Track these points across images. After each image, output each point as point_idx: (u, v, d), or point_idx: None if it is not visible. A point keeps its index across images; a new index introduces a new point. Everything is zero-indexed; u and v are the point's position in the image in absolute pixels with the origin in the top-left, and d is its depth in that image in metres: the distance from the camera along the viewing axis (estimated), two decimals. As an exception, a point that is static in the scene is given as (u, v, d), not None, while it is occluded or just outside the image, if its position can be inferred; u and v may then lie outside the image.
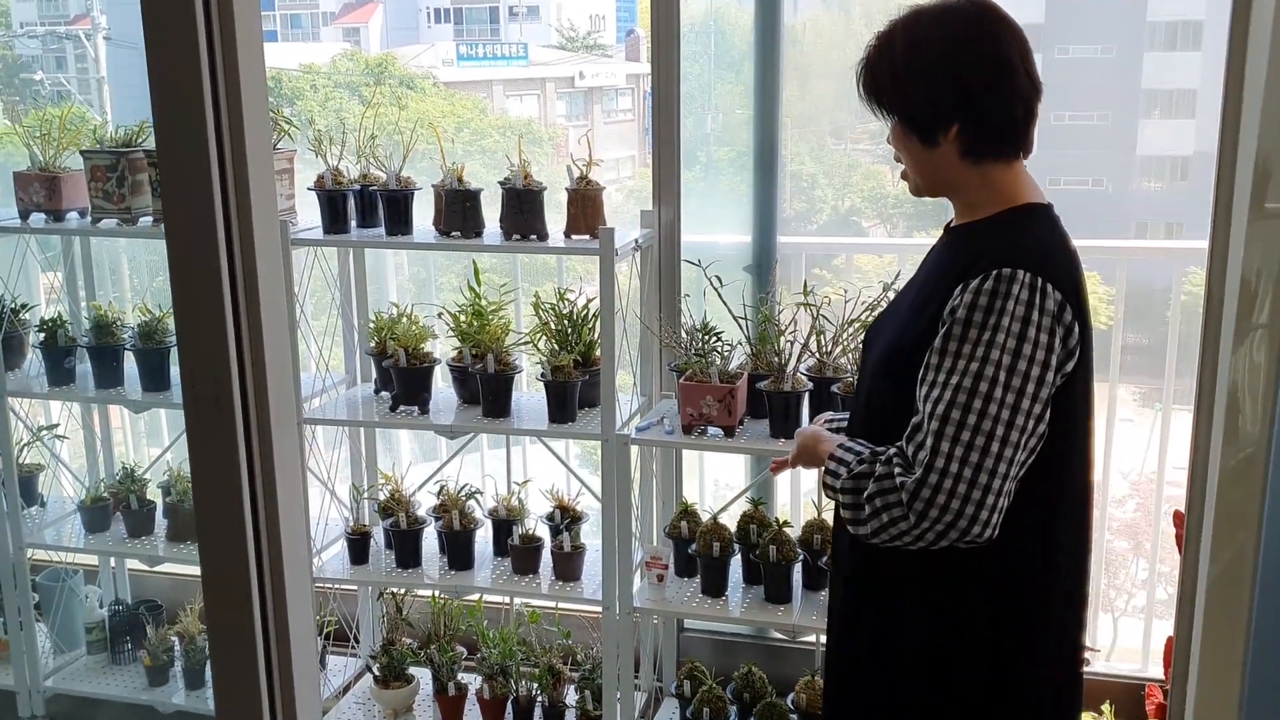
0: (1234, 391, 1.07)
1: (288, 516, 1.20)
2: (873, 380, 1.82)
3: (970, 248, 1.70)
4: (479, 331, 3.01)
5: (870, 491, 1.63)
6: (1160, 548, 3.30)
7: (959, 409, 1.56)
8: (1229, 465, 1.09)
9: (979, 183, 1.74)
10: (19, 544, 3.29)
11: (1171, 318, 3.12)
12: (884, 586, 1.80)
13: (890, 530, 1.62)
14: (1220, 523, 1.09)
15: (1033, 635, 1.74)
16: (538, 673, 3.12)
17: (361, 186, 3.03)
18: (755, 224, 3.23)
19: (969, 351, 1.58)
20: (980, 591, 1.71)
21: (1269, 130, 1.02)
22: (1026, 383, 1.57)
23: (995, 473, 1.56)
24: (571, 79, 6.76)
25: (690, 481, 3.36)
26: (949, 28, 1.70)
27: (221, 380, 1.14)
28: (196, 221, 1.10)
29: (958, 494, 1.55)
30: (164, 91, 1.08)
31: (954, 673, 1.76)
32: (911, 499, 1.57)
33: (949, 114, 1.69)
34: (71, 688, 3.44)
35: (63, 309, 3.47)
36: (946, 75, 1.69)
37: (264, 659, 1.21)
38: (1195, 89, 5.04)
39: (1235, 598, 1.08)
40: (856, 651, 1.87)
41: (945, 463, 1.55)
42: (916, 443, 1.60)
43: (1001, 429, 1.56)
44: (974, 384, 1.56)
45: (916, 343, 1.69)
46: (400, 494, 3.23)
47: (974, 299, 1.59)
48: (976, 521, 1.56)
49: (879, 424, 1.76)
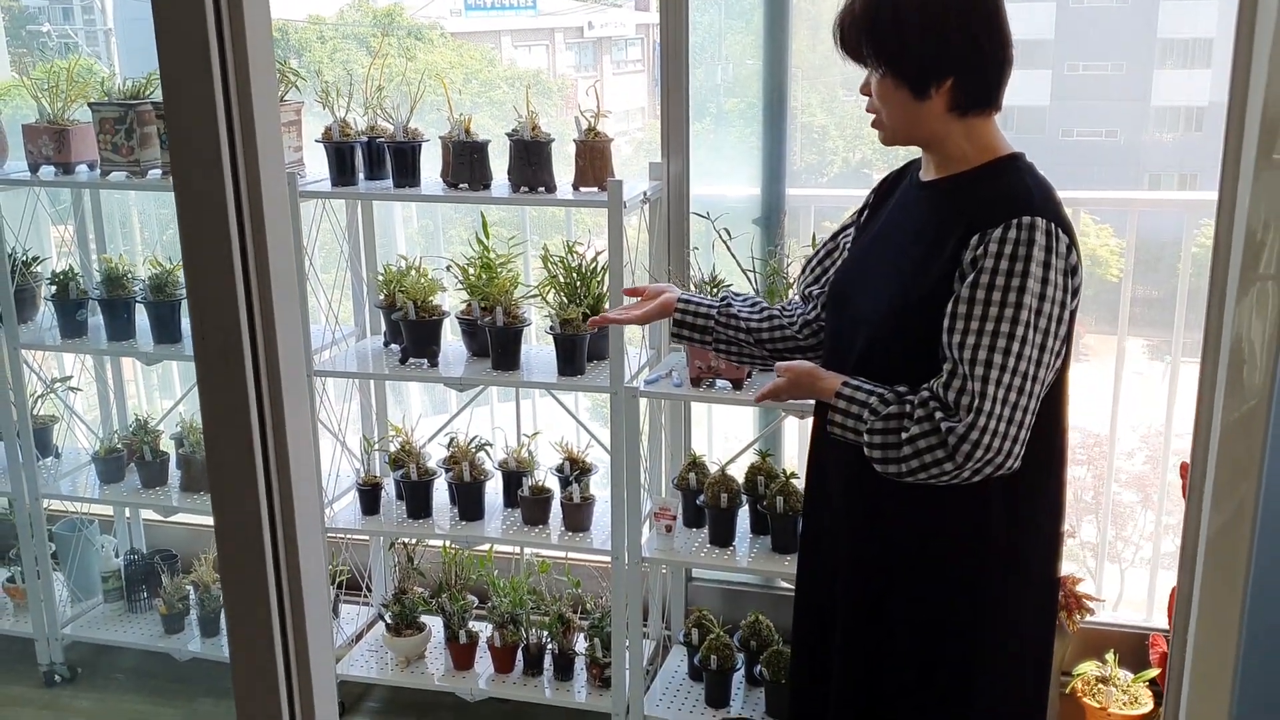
0: (1237, 343, 1.07)
1: (299, 467, 1.21)
2: (874, 332, 1.85)
3: (968, 198, 1.76)
4: (488, 284, 3.01)
5: (912, 433, 1.70)
6: (1167, 499, 3.31)
7: (1000, 353, 1.65)
8: (1232, 417, 1.09)
9: (962, 135, 1.79)
10: (35, 495, 3.33)
11: (1182, 270, 3.11)
12: (888, 516, 1.88)
13: (930, 470, 1.70)
14: (1222, 474, 1.10)
15: (1022, 554, 1.87)
16: (548, 621, 3.16)
17: (369, 138, 3.03)
18: (764, 176, 3.22)
19: (999, 299, 1.66)
20: (991, 511, 1.81)
21: (1278, 79, 1.02)
22: (1051, 323, 1.67)
23: (1027, 409, 1.68)
24: (580, 29, 6.69)
25: (698, 433, 3.38)
26: None
27: (231, 332, 1.15)
28: (204, 173, 1.10)
29: (999, 433, 1.65)
30: (170, 42, 1.08)
31: (958, 587, 1.86)
32: (960, 441, 1.65)
33: (945, 67, 1.73)
34: (89, 635, 3.50)
35: (74, 262, 3.48)
36: (948, 29, 1.72)
37: (277, 607, 1.23)
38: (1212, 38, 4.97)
39: (1235, 547, 1.10)
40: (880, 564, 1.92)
41: (992, 405, 1.65)
42: (957, 388, 1.67)
43: (1033, 368, 1.67)
44: (1011, 329, 1.65)
45: (929, 295, 1.74)
46: (411, 446, 3.25)
47: (999, 248, 1.66)
48: (1010, 455, 1.68)
49: (882, 375, 1.81)
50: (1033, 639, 1.97)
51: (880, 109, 1.81)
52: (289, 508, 1.21)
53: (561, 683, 3.16)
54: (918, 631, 1.89)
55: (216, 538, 1.21)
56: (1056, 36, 4.61)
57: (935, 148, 1.83)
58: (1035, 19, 4.50)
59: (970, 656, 1.88)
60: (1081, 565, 3.47)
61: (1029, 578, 1.90)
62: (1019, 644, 1.93)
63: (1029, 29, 4.44)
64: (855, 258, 1.98)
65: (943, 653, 1.88)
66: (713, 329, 2.11)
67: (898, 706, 1.93)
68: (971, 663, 1.88)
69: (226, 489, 1.20)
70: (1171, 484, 3.22)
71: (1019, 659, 1.94)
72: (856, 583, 1.95)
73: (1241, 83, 1.10)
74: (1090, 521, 3.53)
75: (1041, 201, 1.71)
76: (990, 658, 1.89)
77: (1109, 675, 2.97)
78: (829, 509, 2.01)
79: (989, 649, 1.88)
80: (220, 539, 1.22)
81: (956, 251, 1.71)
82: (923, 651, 1.90)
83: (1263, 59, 1.02)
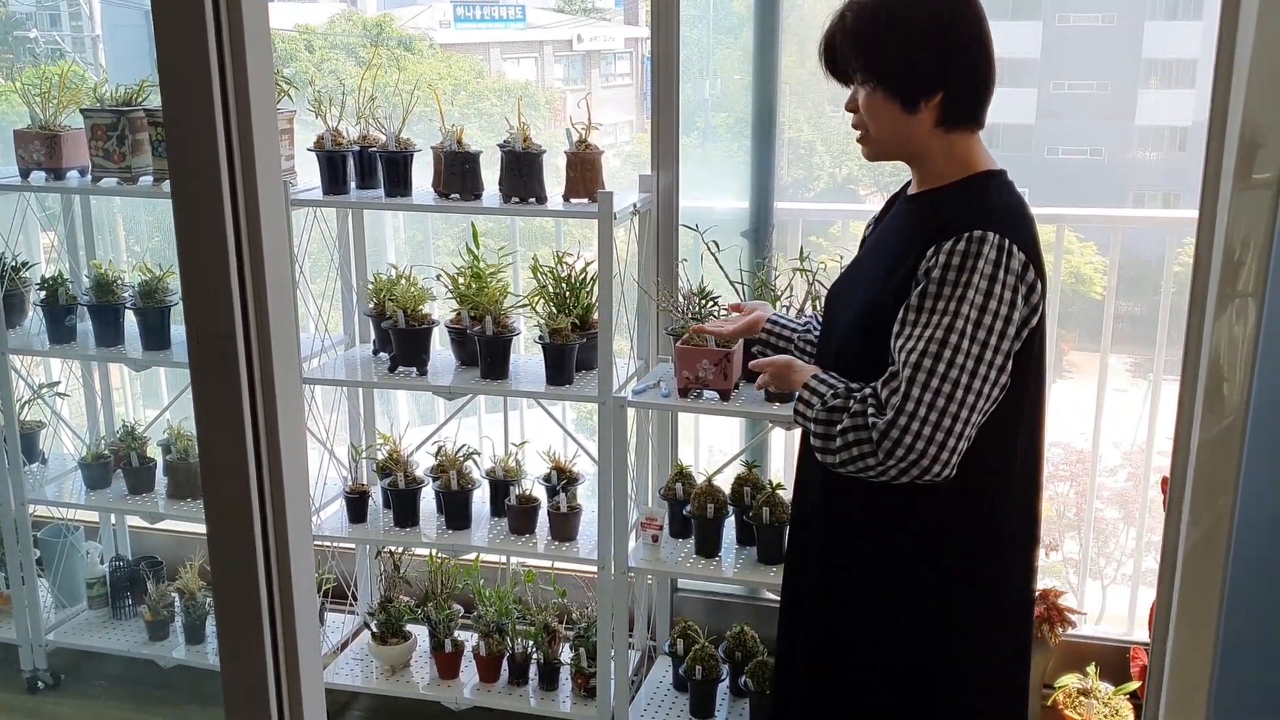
0: (1216, 360, 1.10)
1: (291, 473, 1.23)
2: (845, 334, 1.91)
3: (939, 212, 1.79)
4: (477, 294, 3.03)
5: (844, 425, 1.75)
6: (1149, 516, 3.34)
7: (930, 358, 1.68)
8: (1210, 433, 1.12)
9: (945, 150, 1.82)
10: (20, 500, 3.33)
11: (1165, 288, 3.14)
12: (859, 519, 1.91)
13: (857, 464, 1.74)
14: (1200, 489, 1.12)
15: (984, 568, 1.87)
16: (533, 631, 3.16)
17: (361, 148, 3.04)
18: (753, 190, 3.25)
19: (941, 307, 1.69)
20: (943, 522, 1.83)
21: (1256, 100, 1.04)
22: (991, 335, 1.69)
23: (957, 417, 1.68)
24: (569, 42, 6.71)
25: (685, 444, 3.40)
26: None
27: (226, 338, 1.16)
28: (202, 180, 1.11)
29: (923, 435, 1.67)
30: (170, 50, 1.09)
31: (913, 597, 1.88)
32: (881, 438, 1.69)
33: (937, 82, 1.75)
34: (73, 642, 3.49)
35: (63, 267, 3.48)
36: (939, 43, 1.75)
37: (268, 613, 1.24)
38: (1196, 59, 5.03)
39: (1212, 561, 1.12)
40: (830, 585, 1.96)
41: (914, 407, 1.67)
42: (891, 388, 1.71)
43: (966, 378, 1.68)
44: (945, 335, 1.68)
45: (889, 302, 1.78)
46: (398, 454, 3.26)
47: (947, 259, 1.70)
48: (936, 461, 1.69)
49: (850, 376, 1.86)
50: (1004, 658, 1.97)
51: (868, 124, 1.84)
52: (281, 513, 1.22)
53: (546, 693, 3.17)
54: (877, 642, 1.91)
55: (208, 542, 1.22)
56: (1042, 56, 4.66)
57: (918, 163, 1.86)
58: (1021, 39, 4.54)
59: (931, 671, 1.89)
60: (1064, 580, 3.49)
61: (993, 595, 1.90)
62: (986, 662, 1.93)
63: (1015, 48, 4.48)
64: (846, 270, 2.05)
65: (901, 665, 1.90)
66: (792, 352, 2.17)
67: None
68: (936, 678, 1.89)
69: (219, 494, 1.21)
70: (1153, 500, 3.25)
71: (985, 676, 1.94)
72: (820, 594, 1.99)
73: (1221, 104, 1.12)
74: (1073, 537, 3.55)
75: (1004, 218, 1.73)
76: (952, 673, 1.89)
77: (1090, 688, 2.99)
78: (803, 517, 2.05)
79: (949, 663, 1.89)
80: (212, 544, 1.22)
81: (915, 263, 1.75)
82: (881, 663, 1.91)
83: (1241, 81, 1.05)
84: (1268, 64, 1.03)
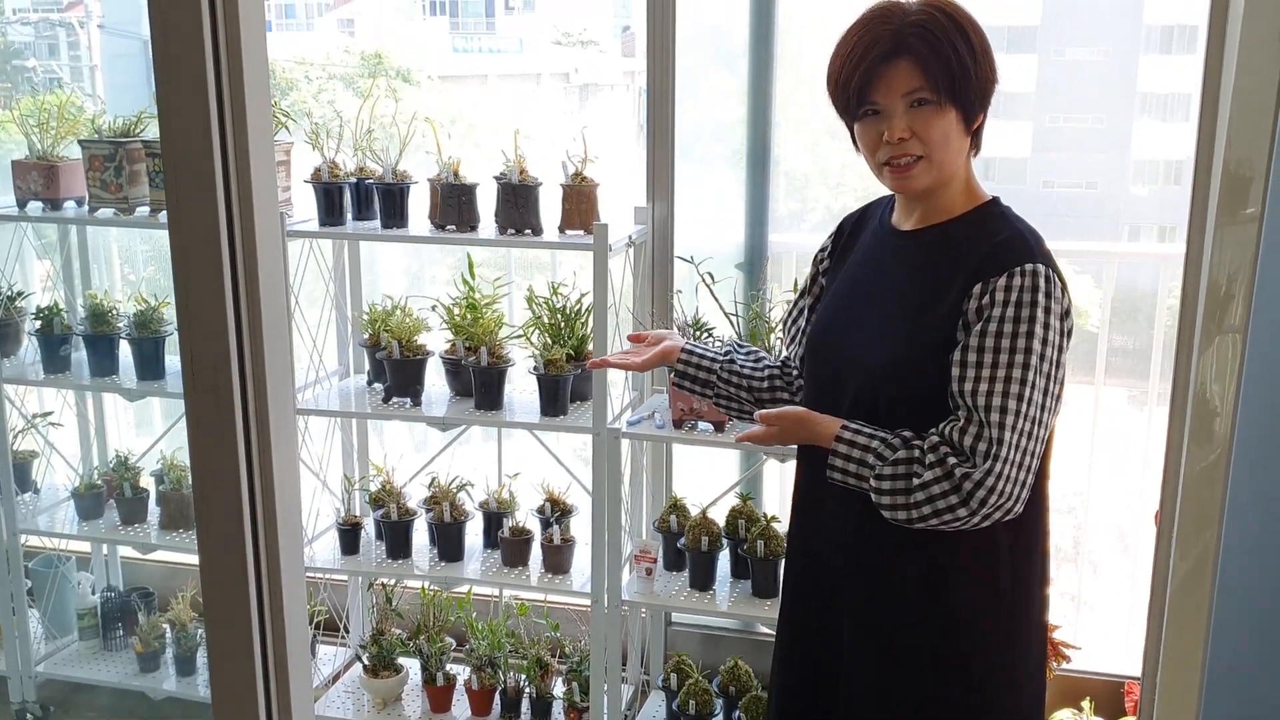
0: (1202, 394, 1.10)
1: (284, 503, 1.23)
2: (866, 381, 1.81)
3: (965, 247, 1.75)
4: (472, 324, 3.04)
5: (926, 479, 1.69)
6: (1144, 549, 3.34)
7: (1015, 399, 1.66)
8: (1197, 467, 1.12)
9: (966, 177, 1.82)
10: (12, 530, 3.31)
11: (1159, 321, 3.15)
12: (921, 568, 1.83)
13: (943, 516, 1.69)
14: (1187, 523, 1.12)
15: (1028, 601, 1.85)
16: (526, 664, 3.15)
17: (358, 179, 3.06)
18: (748, 222, 3.26)
19: (1009, 345, 1.67)
20: (1010, 560, 1.81)
21: (1240, 135, 1.05)
22: (1054, 368, 1.70)
23: (1037, 454, 1.70)
24: (566, 74, 6.75)
25: (680, 476, 3.39)
26: (973, 17, 1.73)
27: (221, 369, 1.17)
28: (199, 211, 1.12)
29: (1013, 479, 1.67)
30: (169, 81, 1.10)
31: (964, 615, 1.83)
32: (976, 487, 1.66)
33: (988, 100, 1.75)
34: (63, 673, 3.47)
35: (59, 297, 3.49)
36: (992, 58, 1.73)
37: (259, 643, 1.23)
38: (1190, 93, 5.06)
39: (1199, 595, 1.12)
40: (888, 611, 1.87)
41: (1009, 452, 1.66)
42: (973, 434, 1.67)
43: (1042, 414, 1.69)
44: (1023, 374, 1.67)
45: (929, 346, 1.74)
46: (391, 485, 3.26)
47: (1006, 296, 1.68)
48: (1019, 500, 1.69)
49: (881, 424, 1.78)
50: (1029, 688, 1.93)
51: (933, 148, 1.72)
52: (273, 544, 1.22)
53: (539, 726, 3.15)
54: (927, 676, 1.85)
55: (201, 573, 1.22)
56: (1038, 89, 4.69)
57: (943, 191, 1.79)
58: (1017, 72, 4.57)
59: (979, 705, 1.86)
60: (1059, 614, 3.48)
61: (1029, 625, 1.87)
62: (1017, 694, 1.89)
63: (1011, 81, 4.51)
64: (832, 309, 1.93)
65: (951, 699, 1.85)
66: (714, 384, 2.08)
67: None
68: (980, 711, 1.85)
69: (212, 525, 1.21)
70: (1148, 533, 3.24)
71: (1016, 709, 1.91)
72: (861, 633, 1.89)
73: (1208, 139, 1.13)
74: (1069, 570, 3.55)
75: (1040, 248, 1.74)
76: (994, 706, 1.86)
77: (1086, 723, 2.98)
78: (821, 558, 1.94)
79: (996, 695, 1.85)
80: (205, 574, 1.22)
81: (958, 302, 1.71)
82: (932, 698, 1.86)
83: (1225, 118, 1.06)
84: (1251, 101, 1.05)
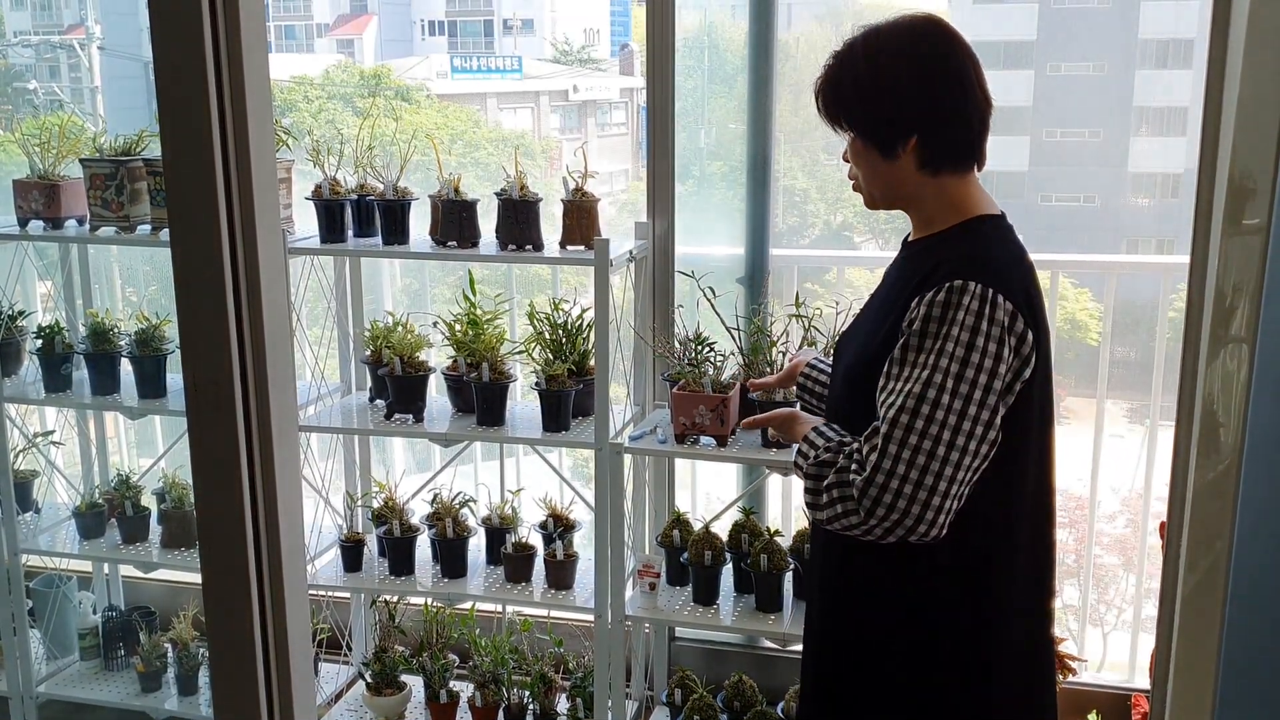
0: (1209, 404, 1.10)
1: (287, 522, 1.22)
2: (840, 388, 1.90)
3: (927, 261, 1.76)
4: (474, 340, 3.03)
5: (829, 481, 1.71)
6: (1149, 562, 3.33)
7: (908, 414, 1.63)
8: (1205, 478, 1.12)
9: (935, 195, 1.81)
10: (14, 550, 3.30)
11: (1160, 333, 3.15)
12: (857, 582, 1.86)
13: (842, 520, 1.70)
14: (1196, 534, 1.11)
15: (993, 627, 1.80)
16: (529, 681, 3.13)
17: (359, 196, 3.06)
18: (748, 237, 3.27)
19: (920, 360, 1.65)
20: (941, 585, 1.78)
21: (1245, 146, 1.05)
22: (974, 389, 1.63)
23: (941, 475, 1.63)
24: (565, 92, 6.78)
25: (682, 491, 3.39)
26: (906, 43, 1.77)
27: (224, 385, 1.16)
28: (201, 229, 1.12)
29: (903, 494, 1.62)
30: (171, 100, 1.10)
31: (922, 659, 1.81)
32: (861, 495, 1.65)
33: (909, 126, 1.75)
34: (64, 693, 3.45)
35: (60, 316, 3.49)
36: (906, 88, 1.75)
37: (263, 663, 1.23)
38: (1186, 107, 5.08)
39: (1210, 607, 1.11)
40: (838, 639, 1.91)
41: (891, 464, 1.63)
42: (871, 444, 1.67)
43: (948, 434, 1.63)
44: (923, 390, 1.63)
45: (877, 354, 1.76)
46: (394, 502, 3.25)
47: (927, 310, 1.66)
48: (922, 521, 1.63)
49: (846, 429, 1.83)
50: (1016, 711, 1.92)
51: (858, 173, 1.85)
52: (276, 563, 1.22)
53: (543, 743, 3.13)
54: (873, 707, 1.87)
55: (203, 591, 1.21)
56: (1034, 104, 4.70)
57: (912, 208, 1.85)
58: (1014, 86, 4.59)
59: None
60: (1064, 627, 3.47)
61: (1003, 651, 1.82)
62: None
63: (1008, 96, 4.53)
64: (853, 321, 2.02)
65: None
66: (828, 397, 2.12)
67: None
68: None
69: (215, 543, 1.21)
70: (1152, 546, 3.24)
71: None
72: (821, 654, 1.95)
73: (1211, 150, 1.13)
74: (1072, 584, 3.54)
75: (989, 266, 1.69)
76: None
77: (1092, 737, 2.97)
78: (808, 566, 2.03)
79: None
80: (207, 593, 1.22)
81: (901, 314, 1.73)
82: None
83: (1229, 129, 1.06)
84: (1255, 113, 1.05)
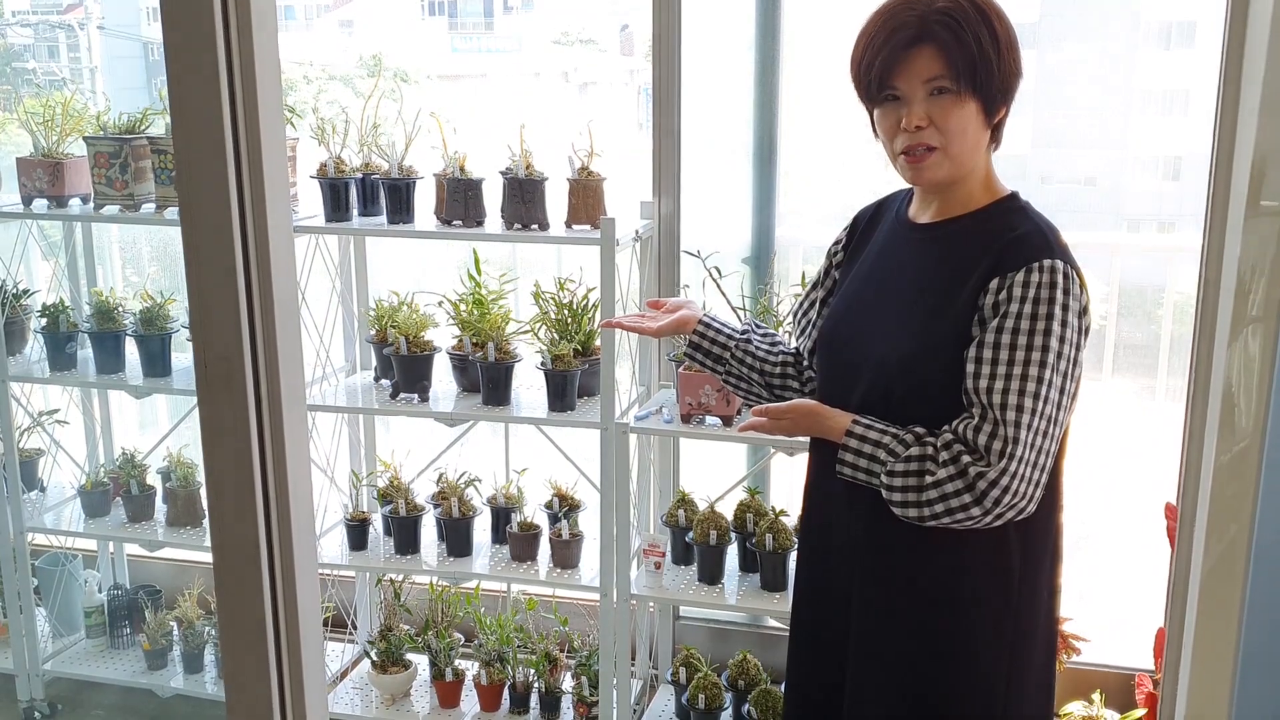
0: (1228, 385, 1.09)
1: (297, 495, 1.22)
2: (877, 377, 1.79)
3: (983, 242, 1.72)
4: (479, 320, 3.03)
5: (939, 477, 1.66)
6: (1152, 540, 3.33)
7: (1030, 398, 1.64)
8: (1224, 459, 1.11)
9: (985, 169, 1.79)
10: (19, 528, 3.31)
11: (1166, 314, 3.15)
12: (946, 579, 1.81)
13: (956, 514, 1.67)
14: (1214, 515, 1.11)
15: (1038, 584, 1.83)
16: (535, 659, 3.14)
17: (364, 175, 3.05)
18: (754, 216, 3.26)
19: (1025, 343, 1.64)
20: (1025, 561, 1.79)
21: (1267, 128, 1.04)
22: (1071, 366, 1.68)
23: (1051, 453, 1.68)
24: (565, 73, 6.75)
25: (687, 470, 3.39)
26: (1002, 7, 1.71)
27: (234, 361, 1.16)
28: (211, 204, 1.12)
29: (1027, 478, 1.64)
30: (181, 77, 1.09)
31: (1018, 643, 1.82)
32: (991, 486, 1.63)
33: (1011, 93, 1.72)
34: (70, 671, 3.46)
35: (64, 294, 3.48)
36: (1018, 50, 1.70)
37: (273, 639, 1.23)
38: (1188, 88, 5.06)
39: (1228, 590, 1.11)
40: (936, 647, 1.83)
41: (1024, 451, 1.63)
42: (988, 433, 1.64)
43: (1056, 412, 1.66)
44: (1039, 372, 1.64)
45: (943, 342, 1.72)
46: (399, 481, 3.25)
47: (1024, 292, 1.65)
48: (1032, 499, 1.67)
49: (894, 419, 1.76)
50: (1039, 681, 1.92)
51: (949, 139, 1.70)
52: (287, 536, 1.22)
53: (548, 721, 3.15)
54: (936, 671, 1.83)
55: (214, 564, 1.21)
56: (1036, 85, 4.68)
57: (962, 184, 1.77)
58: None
59: (988, 699, 1.84)
60: (1068, 606, 3.47)
61: (1037, 620, 1.85)
62: (1025, 687, 1.86)
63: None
64: (847, 302, 1.91)
65: (958, 693, 1.83)
66: (727, 361, 2.03)
67: None
68: (995, 702, 1.83)
69: (226, 519, 1.21)
70: (1156, 525, 3.24)
71: (1026, 702, 1.89)
72: (873, 625, 1.86)
73: (1228, 131, 1.12)
74: (1075, 563, 3.54)
75: (1059, 244, 1.71)
76: (1003, 700, 1.85)
77: (1096, 715, 2.97)
78: (831, 552, 1.91)
79: (1004, 689, 1.83)
80: (218, 566, 1.22)
81: (974, 297, 1.69)
82: (941, 693, 1.84)
83: (1250, 109, 1.05)
84: (1278, 93, 1.04)
